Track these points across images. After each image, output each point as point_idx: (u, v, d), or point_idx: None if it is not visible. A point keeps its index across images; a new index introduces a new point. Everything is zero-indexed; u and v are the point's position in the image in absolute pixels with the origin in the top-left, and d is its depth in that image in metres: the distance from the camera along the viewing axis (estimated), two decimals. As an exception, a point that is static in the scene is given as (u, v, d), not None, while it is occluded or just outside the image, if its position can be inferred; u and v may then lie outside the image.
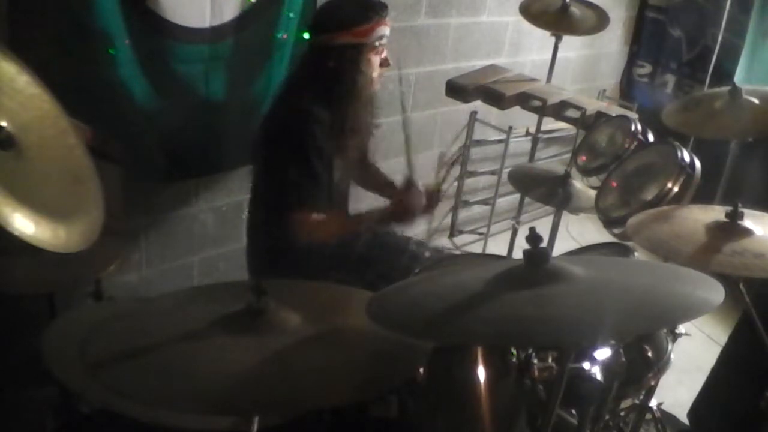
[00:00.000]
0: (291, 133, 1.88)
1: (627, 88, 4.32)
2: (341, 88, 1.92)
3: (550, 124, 3.19)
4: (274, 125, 1.96)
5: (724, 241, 1.50)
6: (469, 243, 3.71)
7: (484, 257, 2.39)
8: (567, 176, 2.32)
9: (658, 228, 1.63)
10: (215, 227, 2.56)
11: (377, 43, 1.92)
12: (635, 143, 2.10)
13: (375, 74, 1.96)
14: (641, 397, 1.85)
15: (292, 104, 1.93)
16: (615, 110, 2.72)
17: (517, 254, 1.27)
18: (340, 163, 2.00)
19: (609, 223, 1.93)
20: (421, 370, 1.39)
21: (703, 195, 1.85)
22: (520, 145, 3.46)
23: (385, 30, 1.93)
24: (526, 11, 2.86)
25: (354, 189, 2.26)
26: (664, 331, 1.71)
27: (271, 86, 2.33)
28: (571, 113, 2.73)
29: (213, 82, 2.22)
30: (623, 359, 1.46)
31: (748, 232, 1.52)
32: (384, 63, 1.97)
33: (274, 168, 1.92)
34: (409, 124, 2.15)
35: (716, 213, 1.61)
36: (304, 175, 1.86)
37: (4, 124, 1.14)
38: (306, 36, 2.02)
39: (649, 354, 1.59)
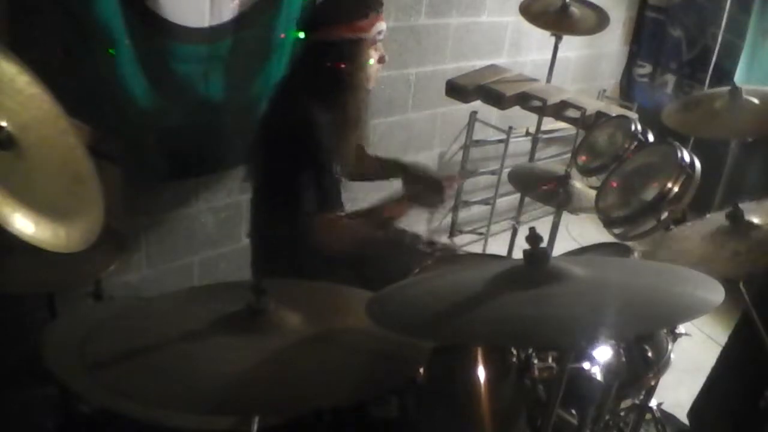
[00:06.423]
0: (293, 136, 1.86)
1: (627, 88, 4.32)
2: (340, 85, 1.91)
3: (550, 124, 3.19)
4: (275, 127, 1.95)
5: (724, 242, 1.50)
6: (469, 243, 3.71)
7: (484, 257, 2.39)
8: (567, 176, 2.32)
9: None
10: (215, 227, 2.56)
11: (377, 38, 1.92)
12: (635, 143, 2.09)
13: (373, 71, 1.96)
14: (641, 397, 1.85)
15: (291, 105, 1.92)
16: (615, 110, 2.72)
17: (517, 254, 1.27)
18: (339, 161, 1.99)
19: (609, 223, 1.92)
20: (421, 370, 1.39)
21: (703, 195, 1.85)
22: (520, 145, 3.46)
23: (383, 25, 1.93)
24: (526, 11, 2.86)
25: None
26: (664, 331, 1.71)
27: (269, 86, 2.32)
28: (571, 113, 2.73)
29: (212, 81, 2.22)
30: (623, 359, 1.46)
31: (751, 227, 1.52)
32: (381, 60, 1.97)
33: (279, 172, 1.91)
34: None
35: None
36: (313, 178, 1.85)
37: (4, 124, 1.14)
38: (302, 35, 2.02)
39: (649, 354, 1.59)
